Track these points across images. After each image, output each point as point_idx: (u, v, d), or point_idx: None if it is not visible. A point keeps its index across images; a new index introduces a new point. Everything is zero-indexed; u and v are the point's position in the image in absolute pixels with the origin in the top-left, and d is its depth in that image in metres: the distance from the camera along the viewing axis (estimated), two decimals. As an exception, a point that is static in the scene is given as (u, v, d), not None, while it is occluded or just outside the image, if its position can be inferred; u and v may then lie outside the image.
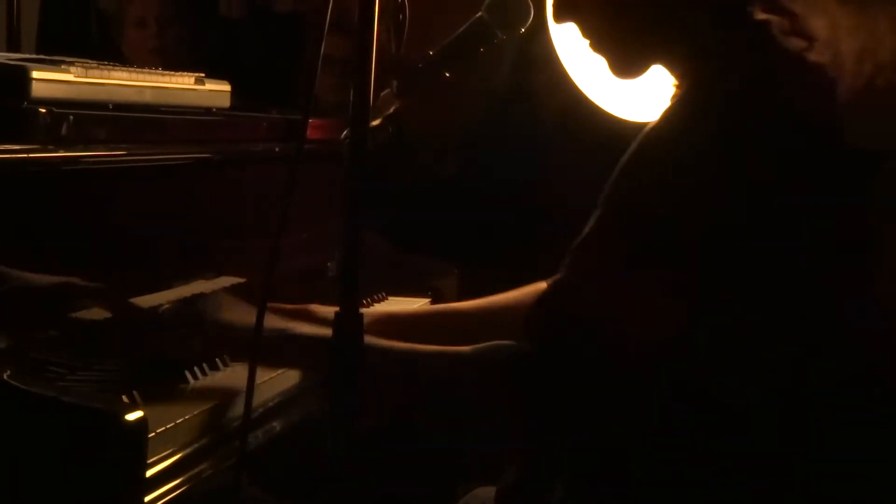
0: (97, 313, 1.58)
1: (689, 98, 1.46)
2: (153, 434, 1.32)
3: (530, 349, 1.44)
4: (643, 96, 1.73)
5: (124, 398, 1.41)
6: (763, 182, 1.38)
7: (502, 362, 1.47)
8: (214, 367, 1.63)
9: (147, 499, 1.31)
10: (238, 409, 1.50)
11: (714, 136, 1.39)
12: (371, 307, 2.01)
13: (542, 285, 1.75)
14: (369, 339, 1.44)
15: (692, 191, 1.37)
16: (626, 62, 1.53)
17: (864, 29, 1.42)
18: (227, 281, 1.81)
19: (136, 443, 1.27)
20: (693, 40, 1.48)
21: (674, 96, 1.50)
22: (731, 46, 1.45)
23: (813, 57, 1.41)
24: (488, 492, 1.64)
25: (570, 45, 1.78)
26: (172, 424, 1.40)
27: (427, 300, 2.16)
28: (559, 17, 1.52)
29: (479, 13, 1.60)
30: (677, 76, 1.51)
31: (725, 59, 1.44)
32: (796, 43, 1.42)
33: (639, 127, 1.71)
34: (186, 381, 1.57)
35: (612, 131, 1.79)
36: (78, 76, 1.67)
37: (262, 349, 1.41)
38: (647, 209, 1.40)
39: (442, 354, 1.53)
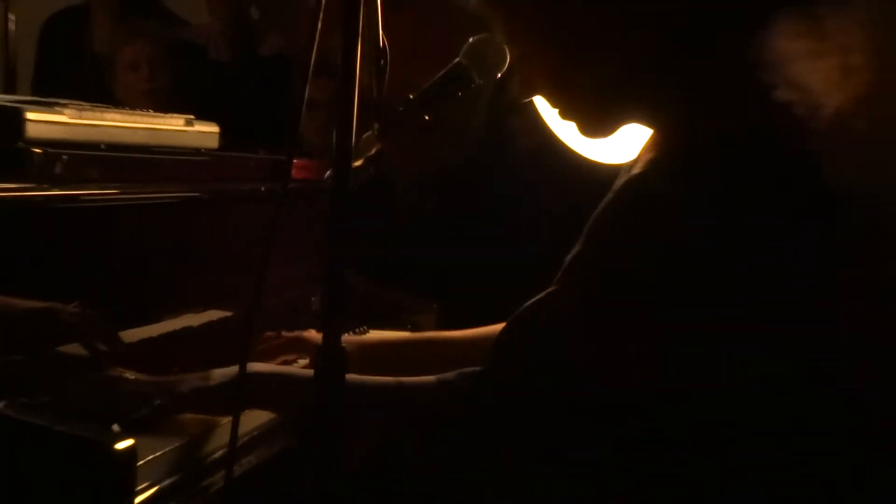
0: (83, 348, 1.59)
1: (673, 146, 1.44)
2: (142, 462, 1.32)
3: (493, 374, 1.42)
4: (615, 140, 1.73)
5: (114, 428, 1.41)
6: (763, 227, 1.37)
7: (466, 389, 1.44)
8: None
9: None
10: (222, 438, 1.50)
11: (709, 184, 1.37)
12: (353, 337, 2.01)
13: None
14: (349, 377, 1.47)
15: (692, 236, 1.35)
16: (595, 127, 1.52)
17: (827, 63, 1.40)
18: (214, 314, 1.82)
19: (126, 470, 1.27)
20: (658, 96, 1.46)
21: (653, 143, 1.49)
22: (702, 93, 1.43)
23: (780, 95, 1.39)
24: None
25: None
26: (160, 453, 1.40)
27: (406, 333, 2.16)
28: (523, 95, 1.51)
29: (458, 59, 1.60)
30: (651, 126, 1.50)
31: (699, 105, 1.43)
32: (766, 80, 1.40)
33: (608, 168, 1.72)
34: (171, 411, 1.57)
35: (584, 172, 1.79)
36: (72, 117, 1.68)
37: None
38: (636, 250, 1.38)
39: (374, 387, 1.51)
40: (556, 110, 1.51)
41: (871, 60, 1.41)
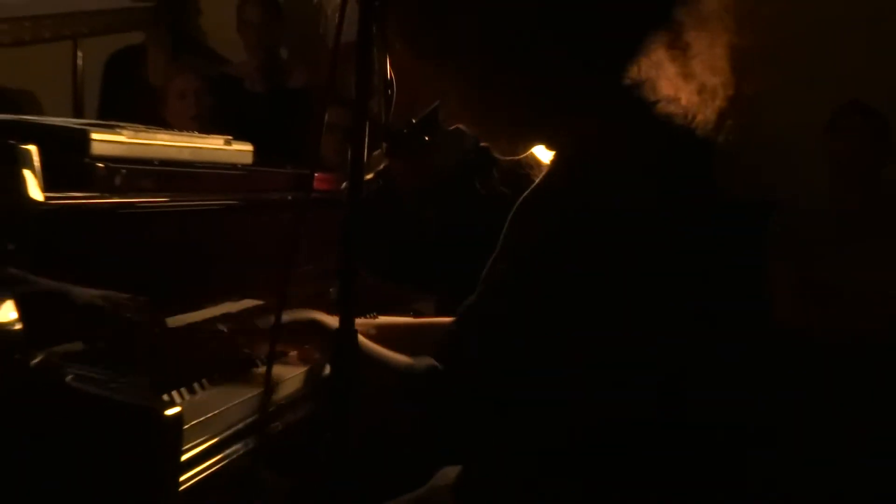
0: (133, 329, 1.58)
1: (565, 163, 1.42)
2: (188, 426, 1.32)
3: (441, 368, 1.40)
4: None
5: (165, 397, 1.41)
6: (655, 239, 1.34)
7: (420, 376, 1.42)
8: (237, 372, 1.63)
9: (182, 478, 1.31)
10: (253, 406, 1.51)
11: (600, 190, 1.34)
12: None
13: None
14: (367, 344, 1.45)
15: (583, 246, 1.32)
16: (506, 152, 1.51)
17: (695, 80, 1.37)
18: (248, 303, 1.81)
19: (174, 433, 1.27)
20: (555, 124, 1.43)
21: (553, 161, 1.46)
22: (594, 114, 1.40)
23: (661, 109, 1.36)
24: (454, 469, 1.61)
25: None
26: (205, 416, 1.40)
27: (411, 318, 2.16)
28: (447, 125, 1.49)
29: None
30: (551, 148, 1.48)
31: (592, 124, 1.39)
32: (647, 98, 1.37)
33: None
34: (215, 383, 1.57)
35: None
36: (129, 138, 1.67)
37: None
38: (536, 258, 1.35)
39: (391, 364, 1.48)
40: (476, 135, 1.49)
41: (730, 79, 1.40)
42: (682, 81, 1.37)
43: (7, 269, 1.28)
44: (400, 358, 1.47)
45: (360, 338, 1.44)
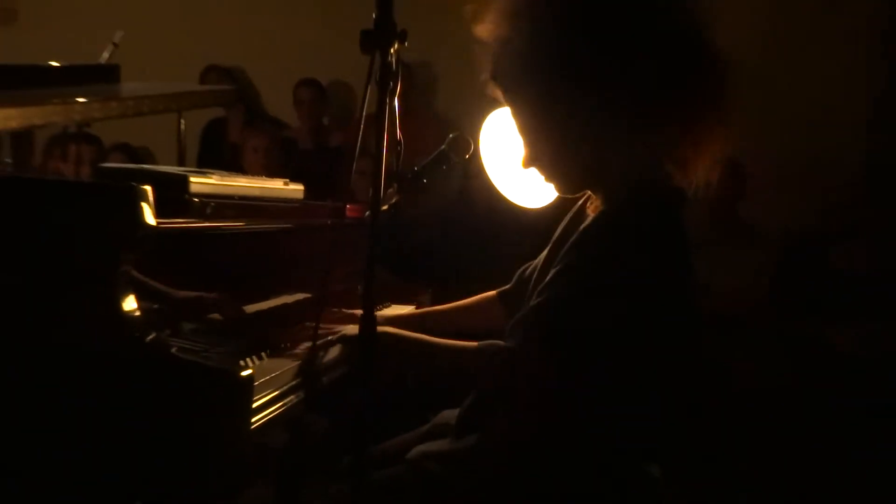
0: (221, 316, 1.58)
1: (613, 213, 1.38)
2: (257, 383, 1.30)
3: (509, 350, 1.34)
4: (532, 196, 1.70)
5: (241, 363, 1.40)
6: (674, 265, 1.33)
7: (492, 354, 1.36)
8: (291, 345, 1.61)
9: (253, 419, 1.29)
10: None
11: (633, 225, 1.33)
12: (381, 310, 1.99)
13: (487, 294, 1.72)
14: (417, 336, 1.43)
15: (623, 269, 1.29)
16: (568, 191, 1.46)
17: (705, 158, 1.37)
18: (300, 296, 1.80)
19: (247, 388, 1.25)
20: (607, 184, 1.41)
21: (597, 207, 1.43)
22: (632, 187, 1.37)
23: (679, 181, 1.37)
24: (452, 413, 1.58)
25: (491, 166, 1.77)
26: (268, 377, 1.39)
27: (413, 306, 2.14)
28: (526, 166, 1.44)
29: (443, 146, 1.60)
30: (597, 194, 1.44)
31: (628, 192, 1.37)
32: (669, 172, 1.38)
33: (530, 211, 1.70)
34: (275, 354, 1.55)
35: (515, 213, 1.78)
36: (217, 180, 1.66)
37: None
38: (600, 266, 1.31)
39: (456, 347, 1.41)
40: (543, 176, 1.44)
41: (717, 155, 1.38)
42: (690, 163, 1.36)
43: (130, 273, 1.26)
44: (457, 343, 1.42)
45: (409, 334, 1.43)
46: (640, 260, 1.30)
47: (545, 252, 1.54)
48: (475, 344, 1.38)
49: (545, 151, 1.41)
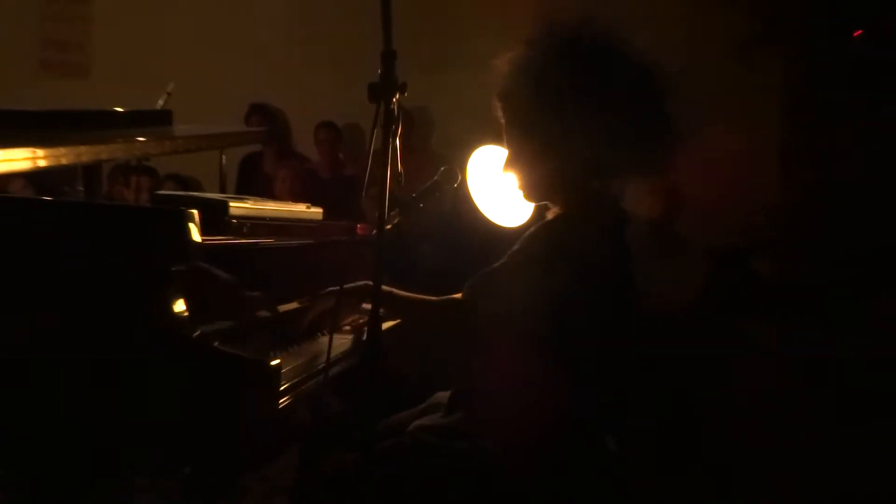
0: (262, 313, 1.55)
1: (560, 221, 1.43)
2: (284, 370, 1.29)
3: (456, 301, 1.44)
4: (509, 217, 1.69)
5: (271, 354, 1.38)
6: (601, 259, 1.36)
7: (446, 307, 1.47)
8: (311, 339, 1.59)
9: (280, 400, 1.28)
10: (321, 359, 1.47)
11: (573, 242, 1.37)
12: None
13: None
14: (401, 293, 1.51)
15: (558, 266, 1.34)
16: (532, 198, 1.50)
17: (641, 194, 1.46)
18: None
19: (275, 375, 1.24)
20: (563, 197, 1.45)
21: (553, 213, 1.47)
22: (580, 198, 1.43)
23: (623, 206, 1.45)
24: (444, 395, 1.57)
25: (475, 192, 1.76)
26: (293, 365, 1.37)
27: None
28: (504, 170, 1.48)
29: (436, 177, 1.59)
30: (554, 205, 1.48)
31: (579, 203, 1.43)
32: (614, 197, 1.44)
33: (507, 229, 1.70)
34: (298, 346, 1.53)
35: (495, 231, 1.77)
36: (252, 204, 1.65)
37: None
38: (529, 269, 1.37)
39: (425, 301, 1.53)
40: (517, 182, 1.48)
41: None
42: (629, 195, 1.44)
43: (180, 281, 1.25)
44: (438, 298, 1.52)
45: (400, 292, 1.49)
46: (579, 248, 1.35)
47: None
48: (438, 299, 1.50)
49: (523, 161, 1.44)
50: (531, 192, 1.48)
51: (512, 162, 1.46)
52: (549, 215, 1.49)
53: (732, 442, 2.97)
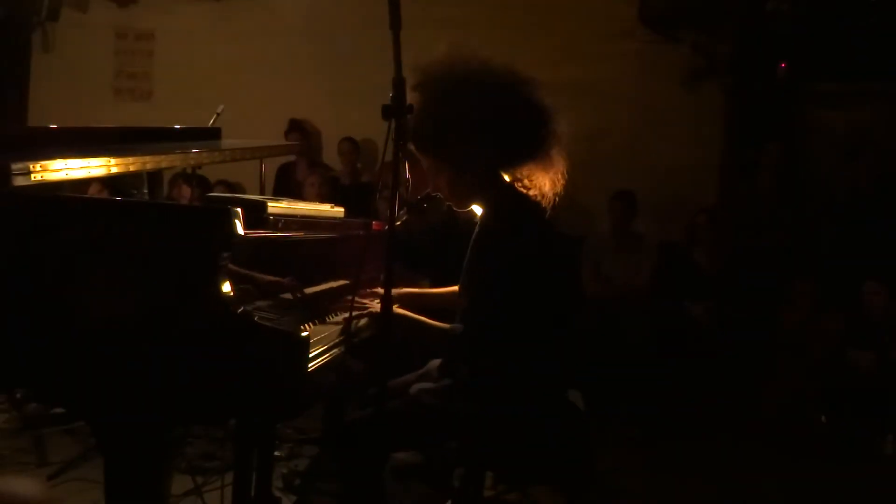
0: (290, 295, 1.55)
1: (485, 220, 1.46)
2: (313, 340, 1.28)
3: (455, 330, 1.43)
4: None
5: (301, 327, 1.38)
6: (528, 249, 1.38)
7: (454, 335, 1.44)
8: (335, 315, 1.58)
9: (309, 365, 1.27)
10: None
11: (500, 230, 1.40)
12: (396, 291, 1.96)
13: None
14: (415, 316, 1.47)
15: (497, 266, 1.36)
16: (459, 206, 1.52)
17: (549, 178, 1.43)
18: (342, 281, 1.76)
19: (305, 345, 1.23)
20: (484, 196, 1.46)
21: (483, 212, 1.49)
22: (495, 197, 1.44)
23: (532, 193, 1.42)
24: (436, 362, 1.58)
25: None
26: (320, 336, 1.37)
27: (416, 289, 2.11)
28: (431, 192, 1.52)
29: None
30: (481, 206, 1.49)
31: (495, 201, 1.44)
32: (524, 188, 1.44)
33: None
34: (325, 321, 1.52)
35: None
36: (286, 205, 1.63)
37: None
38: (481, 275, 1.39)
39: (435, 326, 1.48)
40: (446, 200, 1.51)
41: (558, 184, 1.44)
42: (538, 182, 1.43)
43: (226, 267, 1.24)
44: (440, 324, 1.47)
45: (413, 315, 1.45)
46: (504, 243, 1.38)
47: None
48: (447, 326, 1.46)
49: (443, 180, 1.48)
50: (458, 201, 1.50)
51: (436, 185, 1.49)
52: (480, 213, 1.50)
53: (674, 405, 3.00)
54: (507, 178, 1.45)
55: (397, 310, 1.40)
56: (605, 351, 3.06)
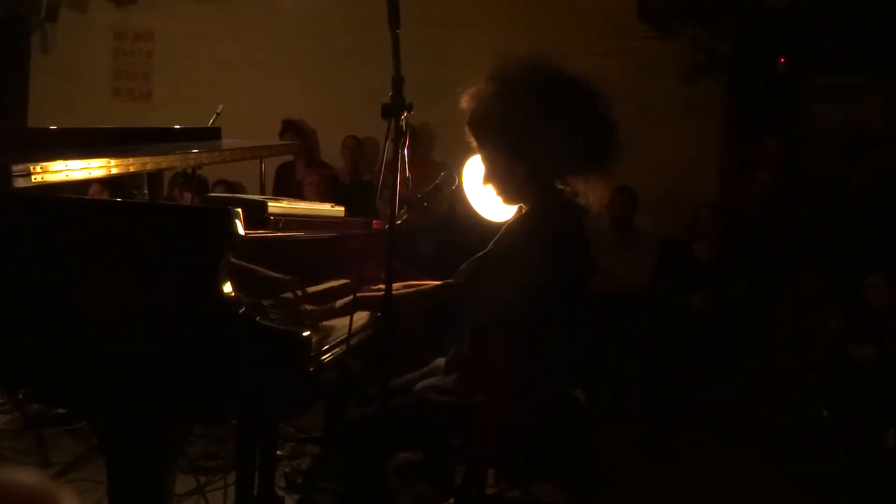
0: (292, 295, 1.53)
1: (531, 215, 1.45)
2: (314, 340, 1.28)
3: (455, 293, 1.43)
4: (496, 214, 1.69)
5: (303, 326, 1.37)
6: (565, 252, 1.39)
7: (447, 290, 1.46)
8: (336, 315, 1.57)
9: (311, 365, 1.26)
10: (343, 332, 1.46)
11: (544, 234, 1.39)
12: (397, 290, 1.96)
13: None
14: (406, 291, 1.48)
15: (533, 254, 1.36)
16: (509, 202, 1.51)
17: (599, 190, 1.43)
18: (343, 280, 1.75)
19: (307, 344, 1.23)
20: (533, 197, 1.46)
21: (523, 211, 1.48)
22: (546, 198, 1.44)
23: (581, 201, 1.44)
24: (442, 360, 1.58)
25: (470, 194, 1.75)
26: (321, 335, 1.36)
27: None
28: (483, 183, 1.51)
29: (437, 182, 1.58)
30: (526, 205, 1.48)
31: (545, 202, 1.44)
32: (573, 194, 1.45)
33: (495, 223, 1.69)
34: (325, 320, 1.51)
35: (485, 225, 1.77)
36: (286, 204, 1.64)
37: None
38: (511, 257, 1.38)
39: (427, 290, 1.49)
40: (495, 191, 1.50)
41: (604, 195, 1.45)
42: (586, 191, 1.45)
43: (229, 265, 1.24)
44: (435, 283, 1.50)
45: (400, 292, 1.44)
46: (552, 237, 1.40)
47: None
48: (438, 283, 1.48)
49: (498, 174, 1.47)
50: (508, 197, 1.50)
51: (489, 176, 1.48)
52: (519, 215, 1.50)
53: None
54: (558, 183, 1.45)
55: (396, 291, 1.38)
56: (606, 346, 3.06)
